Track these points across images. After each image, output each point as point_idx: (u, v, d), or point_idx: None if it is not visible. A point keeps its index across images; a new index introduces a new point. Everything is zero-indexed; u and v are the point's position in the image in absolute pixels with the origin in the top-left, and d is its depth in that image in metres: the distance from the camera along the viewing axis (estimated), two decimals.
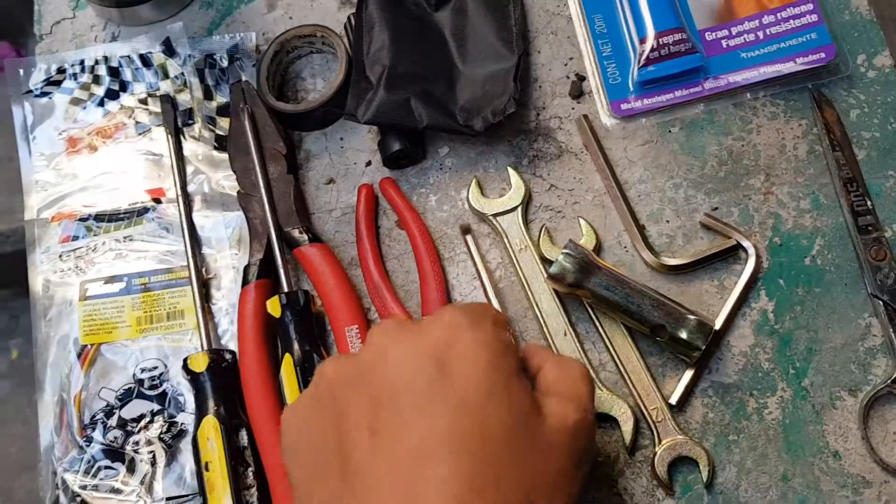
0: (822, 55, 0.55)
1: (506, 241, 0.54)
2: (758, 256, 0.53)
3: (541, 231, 0.54)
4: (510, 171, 0.56)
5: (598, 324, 0.52)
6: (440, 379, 0.37)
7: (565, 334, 0.52)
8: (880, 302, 0.51)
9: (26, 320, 0.57)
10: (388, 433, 0.36)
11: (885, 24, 0.56)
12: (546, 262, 0.53)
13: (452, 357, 0.38)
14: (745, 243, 0.53)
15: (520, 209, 0.55)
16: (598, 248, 0.54)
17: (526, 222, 0.55)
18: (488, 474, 0.35)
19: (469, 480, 0.34)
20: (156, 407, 0.53)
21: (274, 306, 0.51)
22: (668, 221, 0.55)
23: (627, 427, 0.49)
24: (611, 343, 0.52)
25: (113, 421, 0.52)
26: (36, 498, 0.52)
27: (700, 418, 0.51)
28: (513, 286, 0.54)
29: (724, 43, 0.57)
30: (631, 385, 0.51)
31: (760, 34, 0.57)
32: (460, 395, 0.36)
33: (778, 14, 0.57)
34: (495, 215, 0.55)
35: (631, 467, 0.50)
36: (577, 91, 0.58)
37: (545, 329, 0.52)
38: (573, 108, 0.58)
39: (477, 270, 0.54)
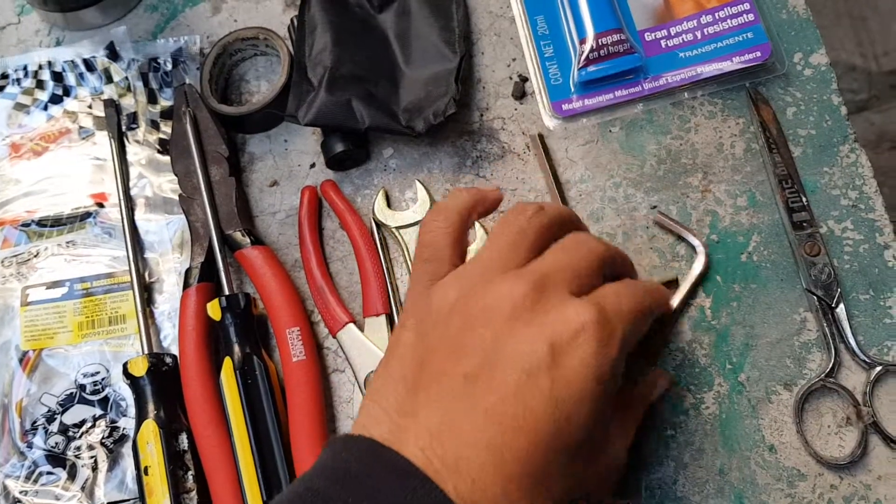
0: (759, 54, 0.56)
1: (406, 254, 0.54)
2: (707, 254, 0.53)
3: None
4: (417, 184, 0.56)
5: None
6: (548, 368, 0.37)
7: None
8: (814, 297, 0.52)
9: None
10: (481, 384, 0.37)
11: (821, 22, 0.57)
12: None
13: (568, 355, 0.37)
14: (694, 242, 0.54)
15: None
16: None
17: None
18: (533, 477, 0.36)
19: (511, 475, 0.35)
20: (98, 412, 0.53)
21: (214, 309, 0.51)
22: (608, 220, 0.55)
23: None
24: None
25: (54, 426, 0.52)
26: None
27: None
28: None
29: (663, 43, 0.58)
30: None
31: (698, 34, 0.57)
32: (557, 394, 0.36)
33: (715, 14, 0.58)
34: (398, 228, 0.55)
35: None
36: (520, 92, 0.59)
37: None
38: (516, 109, 0.59)
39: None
